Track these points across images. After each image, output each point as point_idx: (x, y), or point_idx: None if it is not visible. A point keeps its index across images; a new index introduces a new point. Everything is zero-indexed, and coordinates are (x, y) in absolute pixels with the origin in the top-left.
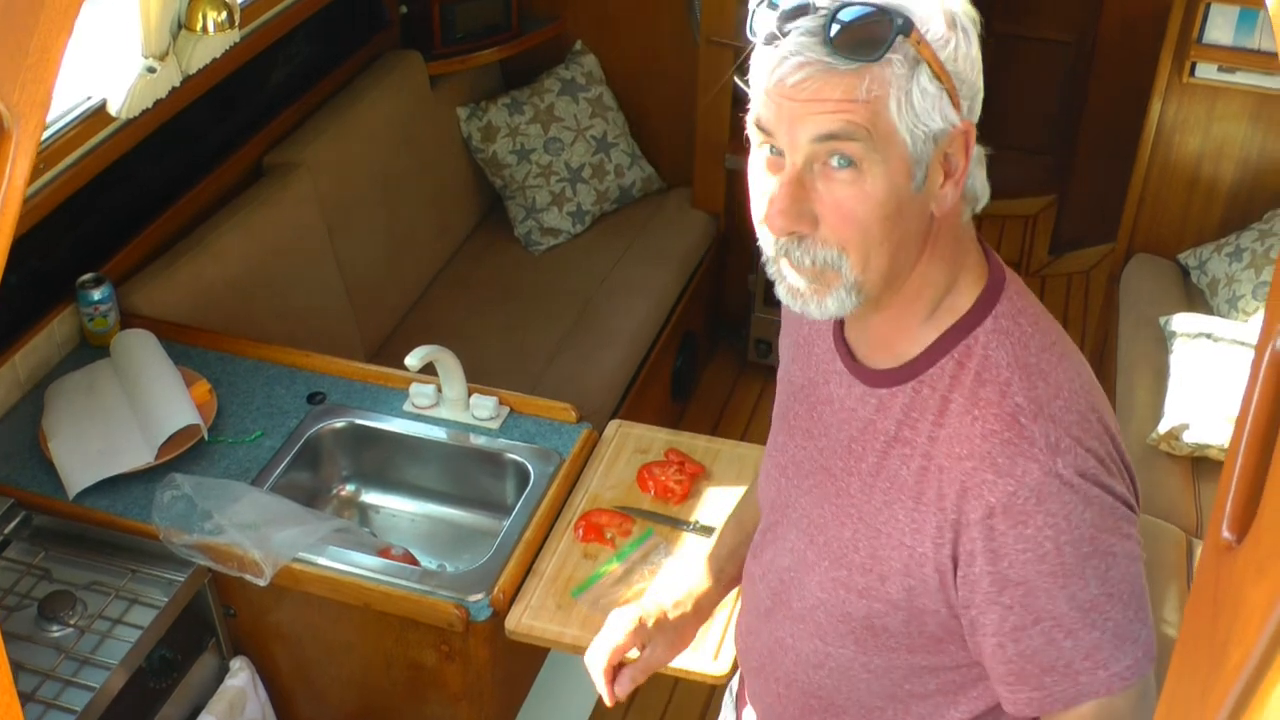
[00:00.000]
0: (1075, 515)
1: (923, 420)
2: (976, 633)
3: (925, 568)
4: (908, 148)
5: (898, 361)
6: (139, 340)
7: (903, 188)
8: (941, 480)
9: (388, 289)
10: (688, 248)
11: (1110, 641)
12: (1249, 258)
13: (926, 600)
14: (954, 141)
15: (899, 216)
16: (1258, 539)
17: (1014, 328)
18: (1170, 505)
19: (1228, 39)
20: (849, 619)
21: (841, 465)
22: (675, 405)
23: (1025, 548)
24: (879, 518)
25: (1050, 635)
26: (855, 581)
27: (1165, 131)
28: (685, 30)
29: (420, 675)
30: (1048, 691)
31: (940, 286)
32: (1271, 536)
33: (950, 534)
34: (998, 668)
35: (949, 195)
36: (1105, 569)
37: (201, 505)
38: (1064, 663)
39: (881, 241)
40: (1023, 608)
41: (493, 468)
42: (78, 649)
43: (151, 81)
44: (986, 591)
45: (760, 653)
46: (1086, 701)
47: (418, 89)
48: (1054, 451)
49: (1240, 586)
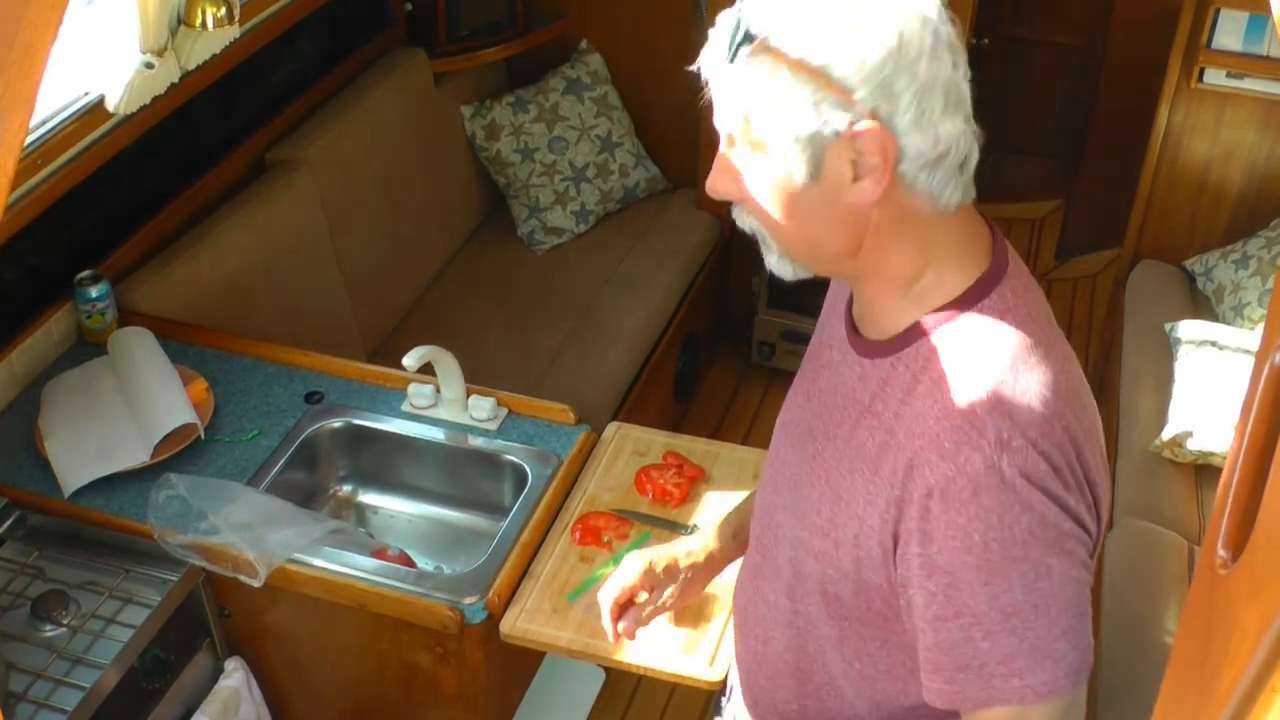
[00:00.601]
0: (1009, 516)
1: (892, 396)
2: (908, 614)
3: (871, 540)
4: (784, 147)
5: (884, 335)
6: (136, 338)
7: (788, 182)
8: (896, 456)
9: (389, 288)
10: (692, 248)
11: (1028, 652)
12: (1255, 265)
13: (871, 574)
14: (860, 141)
15: (794, 202)
16: (1252, 559)
17: (999, 321)
18: (1173, 513)
19: (1237, 45)
20: (807, 579)
21: (823, 429)
22: (678, 406)
23: (954, 535)
24: (842, 484)
25: (968, 632)
26: (813, 544)
27: (1173, 137)
28: (691, 30)
29: (415, 677)
30: (959, 688)
31: (904, 270)
32: (1266, 556)
33: (895, 510)
34: (920, 653)
35: (866, 191)
36: (1034, 579)
37: (196, 505)
38: (979, 663)
39: (782, 223)
40: (945, 598)
41: (490, 469)
42: (70, 648)
43: (150, 77)
44: (916, 573)
45: (743, 608)
46: (996, 706)
47: (422, 87)
48: (1002, 448)
49: (1233, 608)
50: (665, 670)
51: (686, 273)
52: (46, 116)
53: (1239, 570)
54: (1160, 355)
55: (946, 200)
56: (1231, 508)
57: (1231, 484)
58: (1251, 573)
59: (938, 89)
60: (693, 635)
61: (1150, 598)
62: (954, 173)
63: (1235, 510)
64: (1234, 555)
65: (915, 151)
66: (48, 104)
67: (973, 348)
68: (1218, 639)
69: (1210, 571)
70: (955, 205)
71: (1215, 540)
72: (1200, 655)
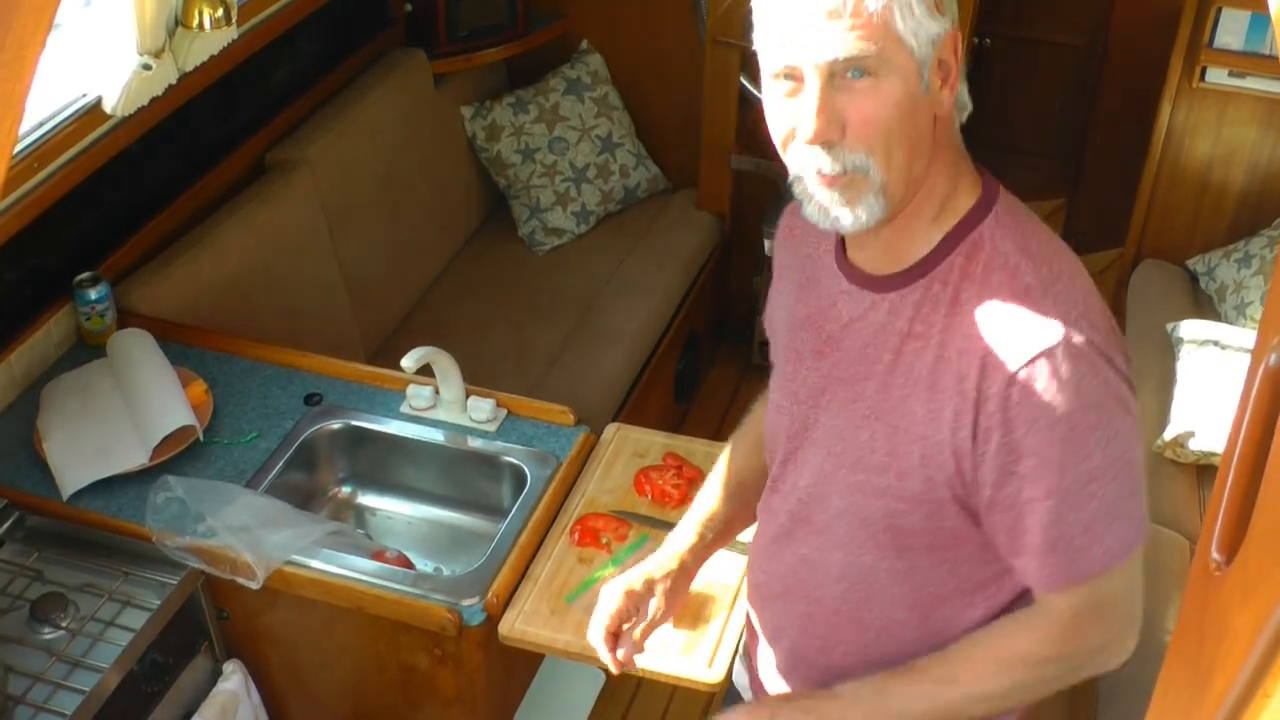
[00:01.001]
0: (1084, 384)
1: (935, 314)
2: (993, 510)
3: (942, 454)
4: (914, 53)
5: (905, 265)
6: (136, 340)
7: (914, 90)
8: (960, 364)
9: (389, 289)
10: (693, 249)
11: (1105, 515)
12: (1258, 264)
13: (944, 489)
14: (946, 46)
15: (913, 117)
16: (1245, 562)
17: (1014, 222)
18: (1174, 513)
19: (1238, 44)
20: (868, 524)
21: (854, 372)
22: (679, 407)
23: (1038, 415)
24: (895, 414)
25: (1056, 510)
26: (874, 483)
27: (1175, 136)
28: (691, 30)
29: (413, 679)
30: (1049, 571)
31: (943, 190)
32: (1259, 559)
33: (969, 415)
34: (1012, 543)
35: (946, 99)
36: (1107, 441)
37: (195, 507)
38: (1065, 538)
39: (900, 141)
40: (1032, 480)
41: (489, 470)
42: (69, 651)
43: (147, 79)
44: (1003, 465)
45: (783, 576)
46: (1086, 579)
47: (422, 87)
48: (1066, 324)
49: (1226, 611)
50: (664, 672)
51: (687, 273)
52: (44, 118)
53: (1232, 573)
54: (1162, 355)
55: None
56: (1225, 510)
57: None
58: (1244, 576)
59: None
60: (691, 637)
61: (1152, 597)
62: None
63: (1229, 513)
64: (1228, 558)
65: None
66: (45, 106)
67: (1005, 247)
68: (1210, 642)
69: (1204, 574)
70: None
71: (1209, 543)
72: (1193, 658)
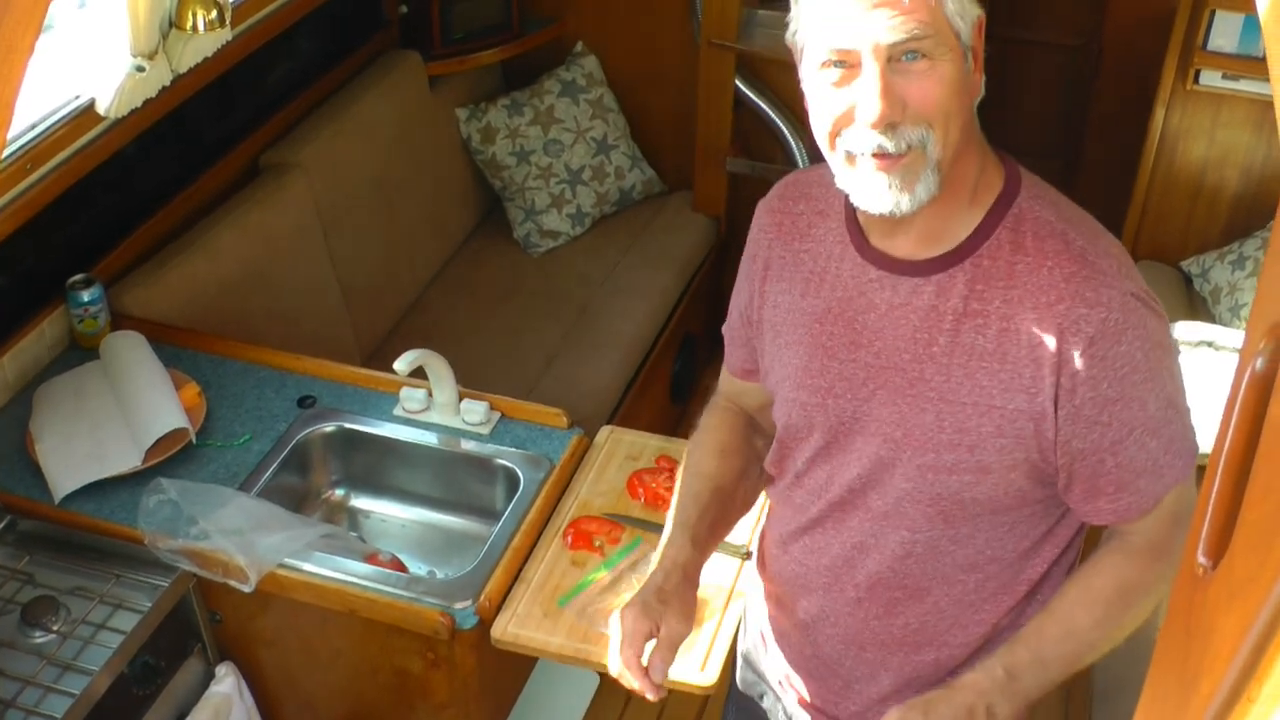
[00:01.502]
0: (1150, 325)
1: (991, 289)
2: (1075, 461)
3: (1019, 421)
4: (960, 36)
5: (948, 246)
6: (129, 342)
7: (962, 71)
8: (1032, 332)
9: (384, 291)
10: (688, 251)
11: (1179, 434)
12: (1252, 266)
13: (1019, 453)
14: (980, 27)
15: (962, 96)
16: (1231, 565)
17: (1044, 194)
18: None
19: (1232, 46)
20: (939, 500)
21: (909, 357)
22: (675, 409)
23: (1121, 363)
24: (960, 391)
25: (1141, 441)
26: (944, 460)
27: (1169, 138)
28: (686, 32)
29: (406, 683)
30: (1142, 494)
31: (974, 172)
32: (1245, 563)
33: (1050, 378)
34: (1094, 486)
35: (979, 80)
36: (1173, 368)
37: (187, 510)
38: (1152, 462)
39: (955, 118)
40: (1120, 422)
41: (483, 473)
42: (60, 655)
43: (141, 81)
44: (1089, 416)
45: (828, 567)
46: (1169, 493)
47: (417, 89)
48: (1124, 276)
49: (1212, 615)
50: None
51: (683, 275)
52: (37, 120)
53: (1218, 577)
54: None
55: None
56: (1212, 514)
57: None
58: (1230, 580)
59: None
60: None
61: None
62: None
63: (1215, 516)
64: (1213, 562)
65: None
66: (38, 108)
67: (1047, 215)
68: (1196, 646)
69: (1190, 577)
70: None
71: (1196, 546)
72: (1179, 662)
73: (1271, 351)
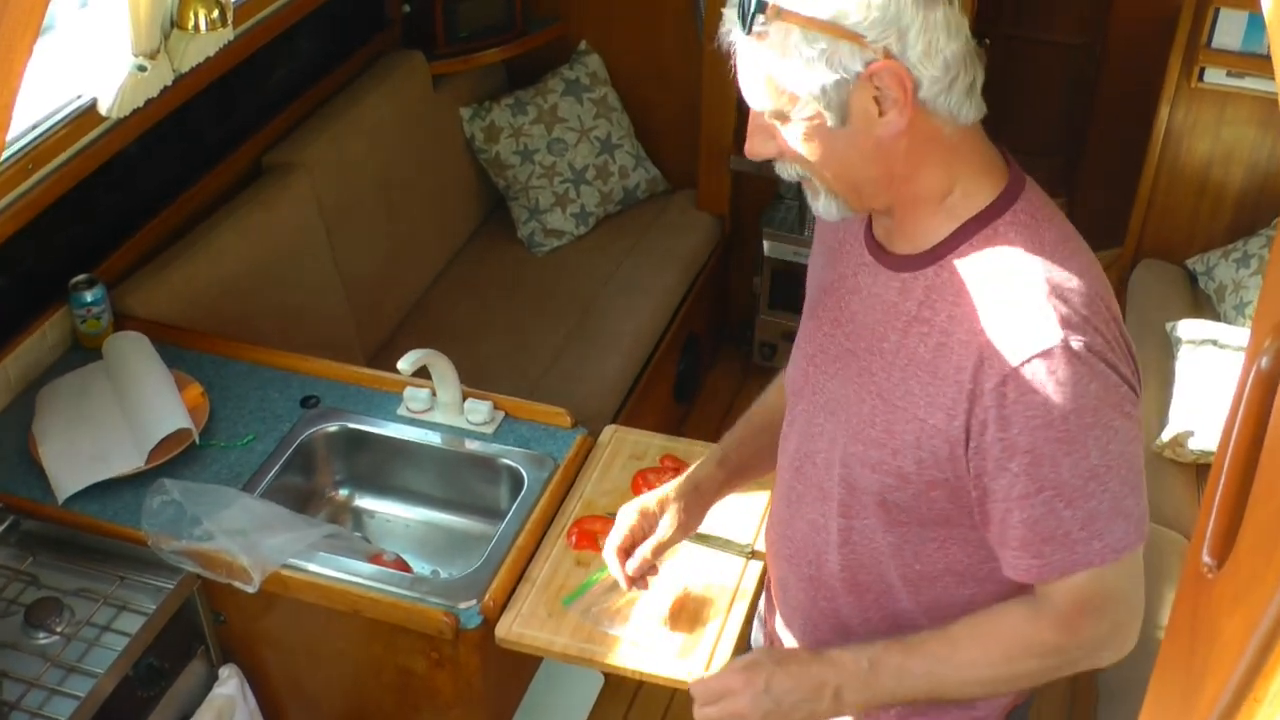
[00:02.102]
0: (1081, 386)
1: (942, 301)
2: (986, 501)
3: (936, 440)
4: (810, 100)
5: (919, 248)
6: (131, 343)
7: (822, 128)
8: (960, 355)
9: (388, 291)
10: (692, 249)
11: (1106, 513)
12: (1257, 264)
13: (935, 472)
14: (879, 78)
15: (829, 149)
16: (1236, 566)
17: (1031, 222)
18: (1174, 512)
19: (1236, 44)
20: (864, 493)
21: (865, 346)
22: (679, 408)
23: (1034, 414)
24: (895, 393)
25: (1051, 504)
26: (869, 455)
27: (1174, 136)
28: (690, 31)
29: (411, 683)
30: (1045, 560)
31: (936, 189)
32: (1250, 564)
33: (965, 405)
34: (1003, 535)
35: (893, 122)
36: (1106, 441)
37: (191, 511)
38: (1063, 531)
39: (826, 164)
40: (1028, 476)
41: (487, 473)
42: (64, 656)
43: (142, 80)
44: (997, 459)
45: (792, 538)
46: (1080, 571)
47: (420, 89)
48: (1067, 326)
49: (1217, 615)
50: (660, 675)
51: (687, 274)
52: (39, 120)
53: (1223, 577)
54: (1161, 354)
55: (964, 118)
56: (1217, 514)
57: (1218, 490)
58: (1235, 580)
59: (938, 18)
60: (689, 639)
61: (1152, 598)
62: (966, 92)
63: (1220, 516)
64: (1219, 562)
65: (930, 79)
66: (40, 108)
67: (1017, 246)
68: (1201, 646)
69: (1195, 578)
70: (972, 121)
71: (1201, 546)
72: (1184, 662)
73: (1277, 351)
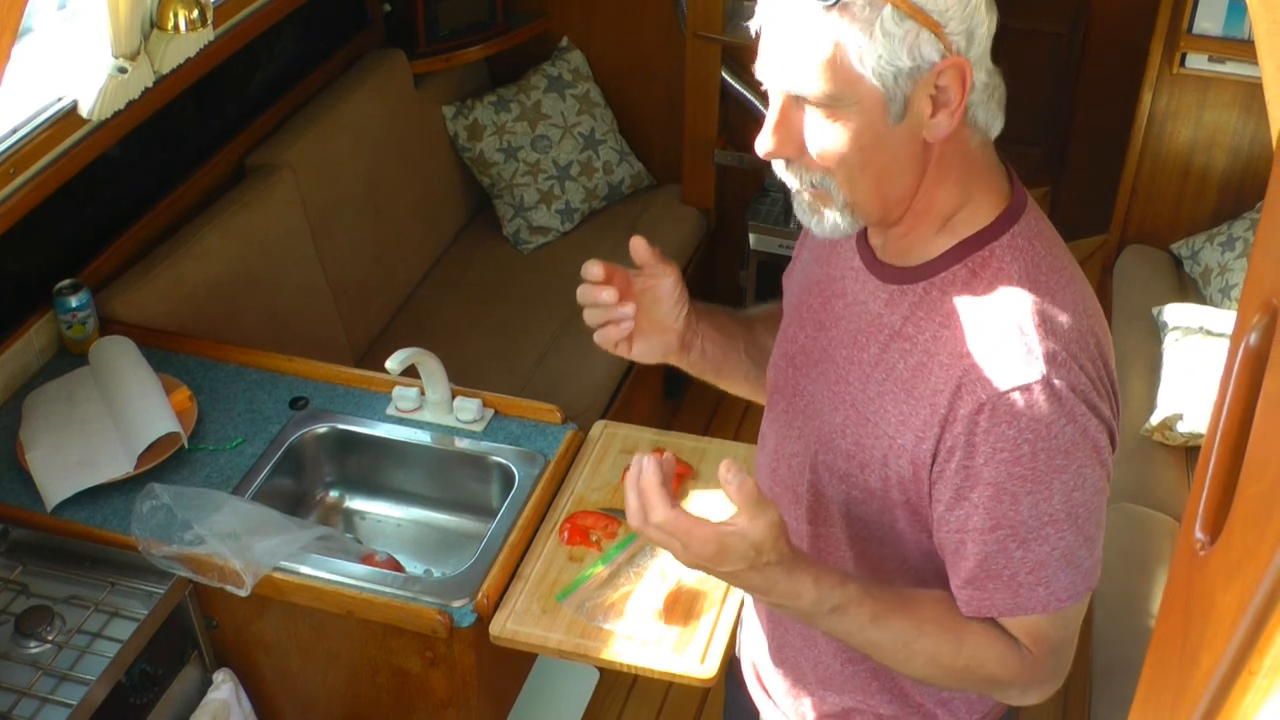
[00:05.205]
0: (1056, 427)
1: (929, 320)
2: (941, 528)
3: (902, 459)
4: (877, 87)
5: (911, 262)
6: (118, 347)
7: (878, 122)
8: (938, 377)
9: (374, 291)
10: (678, 244)
11: (1057, 561)
12: (1241, 247)
13: (899, 493)
14: (944, 75)
15: (876, 148)
16: (1229, 541)
17: (1029, 247)
18: (1164, 496)
19: (1217, 29)
20: (830, 503)
21: (845, 354)
22: (668, 404)
23: (1003, 447)
24: (869, 407)
25: (1004, 543)
26: (838, 465)
27: (1157, 122)
28: (672, 25)
29: (406, 683)
30: (988, 596)
31: (949, 204)
32: (1243, 539)
33: (936, 429)
34: (954, 564)
35: (942, 125)
36: (1071, 488)
37: (181, 515)
38: (1009, 572)
39: (863, 168)
40: (986, 510)
41: (477, 471)
42: (56, 665)
43: (123, 82)
44: (958, 487)
45: None
46: (1021, 615)
47: (402, 88)
48: (1051, 362)
49: (1211, 591)
50: (656, 669)
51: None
52: (18, 124)
53: (1216, 553)
54: (1149, 339)
55: (993, 131)
56: (1209, 490)
57: (1209, 466)
58: (1228, 555)
59: (993, 24)
60: (683, 633)
61: (1143, 580)
62: (999, 105)
63: (1212, 493)
64: (1211, 538)
65: (980, 84)
66: (20, 111)
67: (1012, 271)
68: (1196, 622)
69: (1188, 554)
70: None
71: (1193, 523)
72: (1179, 638)
73: (1264, 327)
